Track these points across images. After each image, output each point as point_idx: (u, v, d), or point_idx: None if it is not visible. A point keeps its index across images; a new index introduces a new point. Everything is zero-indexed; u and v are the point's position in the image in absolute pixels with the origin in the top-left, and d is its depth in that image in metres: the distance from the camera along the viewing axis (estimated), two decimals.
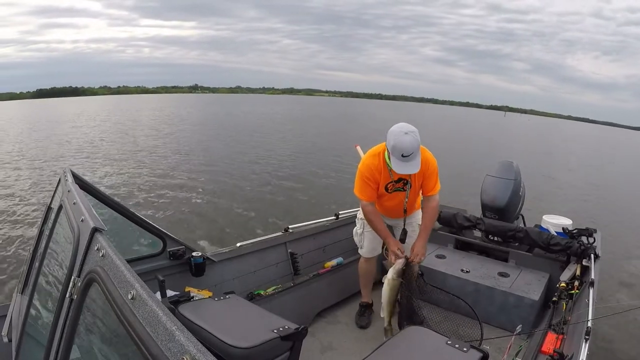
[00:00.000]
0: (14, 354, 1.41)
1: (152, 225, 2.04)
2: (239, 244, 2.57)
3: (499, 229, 3.25)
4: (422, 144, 2.21)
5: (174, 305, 1.71)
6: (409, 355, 1.54)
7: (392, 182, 2.41)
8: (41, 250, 1.56)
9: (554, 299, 2.48)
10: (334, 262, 3.01)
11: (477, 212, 3.56)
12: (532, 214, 4.29)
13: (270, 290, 2.53)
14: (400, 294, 2.34)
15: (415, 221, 2.61)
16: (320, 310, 2.82)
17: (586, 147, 30.92)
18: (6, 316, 1.66)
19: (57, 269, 1.33)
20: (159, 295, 1.72)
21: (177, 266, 2.20)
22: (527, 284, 2.77)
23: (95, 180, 8.85)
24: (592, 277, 2.39)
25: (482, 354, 1.46)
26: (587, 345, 1.71)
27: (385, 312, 2.30)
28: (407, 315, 2.42)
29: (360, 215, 2.64)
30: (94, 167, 10.56)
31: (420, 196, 2.58)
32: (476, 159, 14.09)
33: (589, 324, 1.82)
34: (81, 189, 1.39)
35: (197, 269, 2.22)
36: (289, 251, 2.84)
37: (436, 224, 3.37)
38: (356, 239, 2.74)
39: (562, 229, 3.16)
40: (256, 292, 2.47)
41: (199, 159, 12.18)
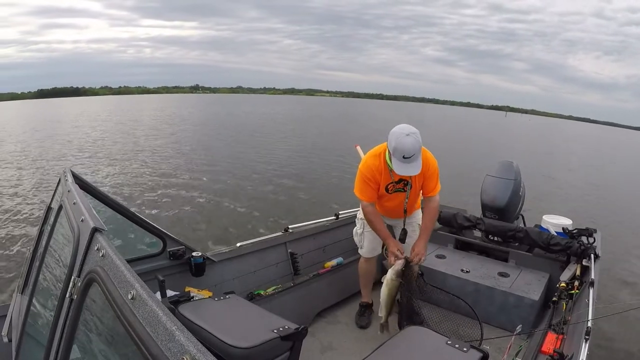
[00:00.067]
0: (14, 354, 1.41)
1: (152, 225, 2.04)
2: (239, 244, 2.57)
3: (499, 229, 3.26)
4: (423, 145, 2.20)
5: (174, 305, 1.71)
6: (409, 355, 1.54)
7: (392, 182, 2.40)
8: (41, 250, 1.56)
9: (554, 299, 2.48)
10: (334, 262, 3.01)
11: (477, 212, 3.56)
12: (532, 214, 4.29)
13: (270, 290, 2.53)
14: (400, 294, 2.34)
15: (415, 221, 2.61)
16: (320, 310, 2.82)
17: (587, 147, 30.87)
18: (6, 316, 1.66)
19: (57, 269, 1.33)
20: (159, 295, 1.72)
21: (177, 266, 2.20)
22: (527, 284, 2.77)
23: (97, 180, 8.88)
24: (592, 277, 2.39)
25: (482, 354, 1.46)
26: (587, 345, 1.71)
27: (383, 312, 2.32)
28: (407, 315, 2.42)
29: (360, 215, 2.64)
30: (96, 167, 10.57)
31: (420, 196, 2.58)
32: (476, 159, 14.07)
33: (589, 324, 1.82)
34: (81, 189, 1.40)
35: (197, 269, 2.22)
36: (289, 251, 2.84)
37: (436, 224, 3.36)
38: (356, 239, 2.74)
39: (562, 229, 3.16)
40: (256, 292, 2.47)
41: (201, 159, 12.19)
